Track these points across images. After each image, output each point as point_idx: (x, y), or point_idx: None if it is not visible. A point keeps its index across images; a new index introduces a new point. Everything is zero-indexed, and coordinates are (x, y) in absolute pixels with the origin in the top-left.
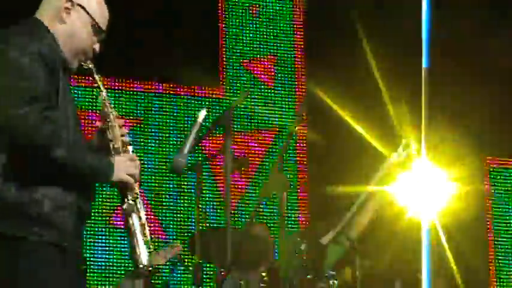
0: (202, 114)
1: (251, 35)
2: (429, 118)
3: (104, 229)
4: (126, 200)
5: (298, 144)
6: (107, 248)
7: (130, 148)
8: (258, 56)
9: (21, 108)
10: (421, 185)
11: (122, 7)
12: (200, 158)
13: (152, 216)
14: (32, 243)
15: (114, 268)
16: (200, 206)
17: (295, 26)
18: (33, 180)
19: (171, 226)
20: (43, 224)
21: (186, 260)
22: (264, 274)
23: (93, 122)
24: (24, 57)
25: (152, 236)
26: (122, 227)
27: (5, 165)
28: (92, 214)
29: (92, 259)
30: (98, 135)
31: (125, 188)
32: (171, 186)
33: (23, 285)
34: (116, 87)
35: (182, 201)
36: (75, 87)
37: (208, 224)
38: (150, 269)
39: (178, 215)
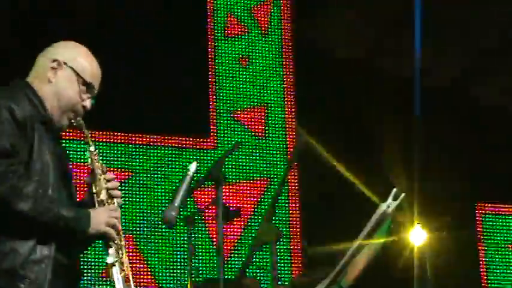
0: (193, 166)
1: (241, 86)
2: (421, 167)
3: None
4: (107, 252)
5: (290, 193)
6: None
7: (117, 201)
8: (249, 106)
9: None
10: (411, 235)
11: (110, 59)
12: (192, 210)
13: (145, 268)
14: None
15: None
16: (192, 258)
17: (285, 75)
18: (2, 234)
19: (165, 278)
20: (14, 278)
21: None
22: None
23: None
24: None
25: None
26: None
27: None
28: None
29: None
30: (88, 191)
31: (107, 239)
32: (163, 238)
33: None
34: (107, 140)
35: (175, 253)
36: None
37: (200, 276)
38: None
39: (171, 267)
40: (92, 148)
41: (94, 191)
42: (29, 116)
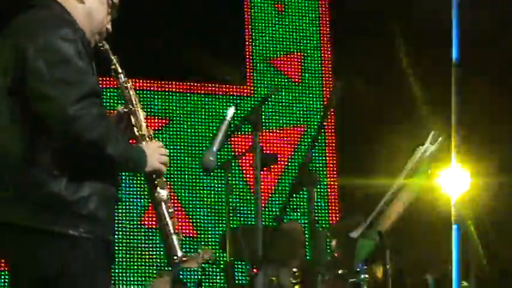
0: (230, 111)
1: (277, 32)
2: (459, 110)
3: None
4: (155, 189)
5: (327, 139)
6: (137, 247)
7: (151, 133)
8: (285, 53)
9: (78, 104)
10: (450, 178)
11: (149, 6)
12: (229, 156)
13: (183, 214)
14: (81, 241)
15: (143, 267)
16: (230, 204)
17: (321, 21)
18: (81, 177)
19: (202, 224)
20: (91, 221)
21: (217, 258)
22: (295, 270)
23: None
24: (72, 49)
25: (183, 234)
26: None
27: (52, 161)
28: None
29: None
30: (117, 118)
31: (155, 176)
32: (201, 184)
33: (76, 281)
34: (143, 88)
35: (212, 199)
36: None
37: (239, 222)
38: (184, 259)
39: (209, 213)
40: (122, 76)
41: (134, 122)
42: (86, 46)
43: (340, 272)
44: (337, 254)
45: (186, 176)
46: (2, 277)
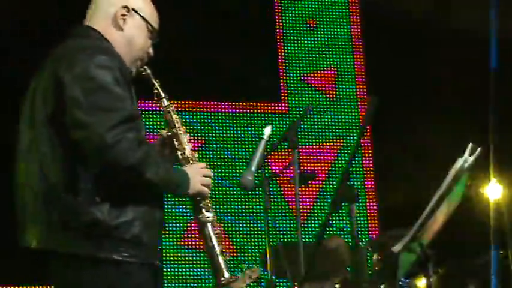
0: (267, 130)
1: (310, 49)
2: (497, 120)
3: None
4: (200, 210)
5: (364, 155)
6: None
7: (196, 155)
8: (318, 69)
9: (115, 130)
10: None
11: (179, 26)
12: (267, 174)
13: (223, 234)
14: (126, 265)
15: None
16: (269, 221)
17: (353, 35)
18: (123, 202)
19: (243, 243)
20: (135, 245)
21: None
22: (338, 286)
23: None
24: (108, 76)
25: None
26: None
27: (93, 187)
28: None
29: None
30: (161, 142)
31: (200, 198)
32: (239, 203)
33: None
34: (177, 109)
35: (251, 218)
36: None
37: (279, 240)
38: (231, 280)
39: (248, 232)
40: (165, 101)
41: (177, 145)
42: (127, 74)
43: (382, 286)
44: (378, 268)
45: (225, 196)
46: None
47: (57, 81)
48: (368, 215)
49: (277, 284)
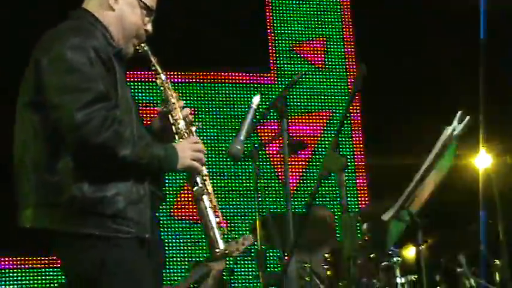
0: (256, 99)
1: (299, 18)
2: (487, 89)
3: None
4: (195, 183)
5: (353, 126)
6: (169, 240)
7: (193, 128)
8: (307, 38)
9: (85, 109)
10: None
11: None
12: (256, 144)
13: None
14: (114, 240)
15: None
16: (259, 191)
17: (343, 6)
18: (103, 179)
19: (232, 213)
20: (120, 221)
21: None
22: (327, 255)
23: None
24: (82, 57)
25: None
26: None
27: (73, 166)
28: None
29: None
30: (160, 119)
31: (193, 172)
32: (228, 173)
33: (110, 281)
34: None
35: (240, 188)
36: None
37: (268, 210)
38: (226, 252)
39: (238, 202)
40: (163, 76)
41: (172, 120)
42: (107, 51)
43: (372, 255)
44: (368, 238)
45: (214, 166)
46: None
47: (36, 65)
48: (357, 184)
49: (267, 254)
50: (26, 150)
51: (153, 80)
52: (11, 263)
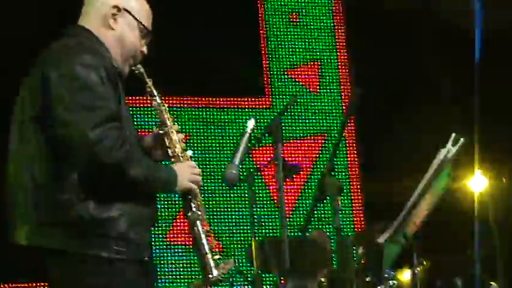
0: (250, 124)
1: (293, 43)
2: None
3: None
4: (190, 208)
5: (348, 148)
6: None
7: (189, 153)
8: (302, 63)
9: (98, 128)
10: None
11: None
12: (251, 169)
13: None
14: (117, 262)
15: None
16: (255, 216)
17: (336, 29)
18: (108, 198)
19: (226, 237)
20: (122, 243)
21: (245, 270)
22: (323, 280)
23: None
24: (95, 76)
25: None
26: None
27: (78, 184)
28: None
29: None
30: (154, 138)
31: (189, 195)
32: (223, 199)
33: None
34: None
35: (236, 212)
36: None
37: (264, 234)
38: (220, 279)
39: (233, 226)
40: (158, 99)
41: (167, 144)
42: (114, 71)
43: (368, 279)
44: (364, 261)
45: (209, 191)
46: None
47: (44, 80)
48: (353, 208)
49: (263, 278)
50: (25, 168)
51: (146, 105)
52: None
